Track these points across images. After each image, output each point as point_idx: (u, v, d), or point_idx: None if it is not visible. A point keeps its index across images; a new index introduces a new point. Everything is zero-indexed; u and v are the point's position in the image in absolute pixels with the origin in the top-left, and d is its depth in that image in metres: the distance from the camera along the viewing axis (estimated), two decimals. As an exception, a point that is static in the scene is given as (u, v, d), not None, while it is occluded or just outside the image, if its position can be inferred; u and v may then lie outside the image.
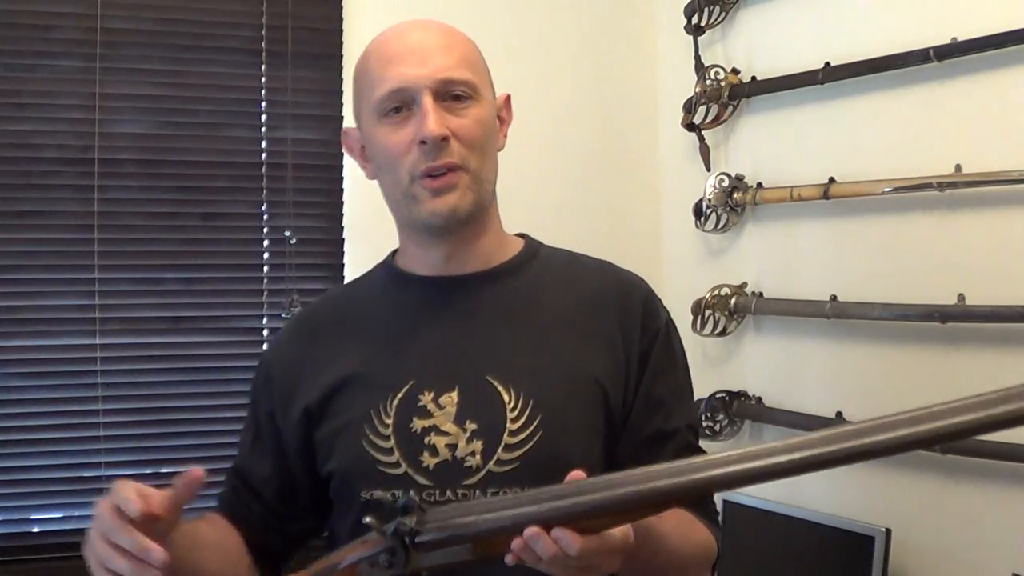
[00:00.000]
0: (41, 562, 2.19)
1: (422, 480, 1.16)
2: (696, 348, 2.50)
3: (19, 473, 2.22)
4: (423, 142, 1.16)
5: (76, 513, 2.25)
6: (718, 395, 2.35)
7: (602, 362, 1.22)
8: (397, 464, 1.17)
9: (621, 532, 0.95)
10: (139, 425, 2.27)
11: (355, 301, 1.33)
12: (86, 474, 2.25)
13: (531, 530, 0.92)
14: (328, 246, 2.42)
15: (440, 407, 1.18)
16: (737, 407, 2.34)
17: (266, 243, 2.39)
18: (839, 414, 2.08)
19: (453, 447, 1.17)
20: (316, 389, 1.23)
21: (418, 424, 1.18)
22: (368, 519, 0.99)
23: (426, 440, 1.17)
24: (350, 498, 1.20)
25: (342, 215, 2.42)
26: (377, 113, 1.20)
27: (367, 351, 1.24)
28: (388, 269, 1.32)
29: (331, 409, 1.23)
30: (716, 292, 2.36)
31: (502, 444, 1.16)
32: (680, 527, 1.16)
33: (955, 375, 1.89)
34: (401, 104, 1.19)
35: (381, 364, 1.22)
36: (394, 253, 1.34)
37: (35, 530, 2.25)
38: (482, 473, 1.15)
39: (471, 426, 1.17)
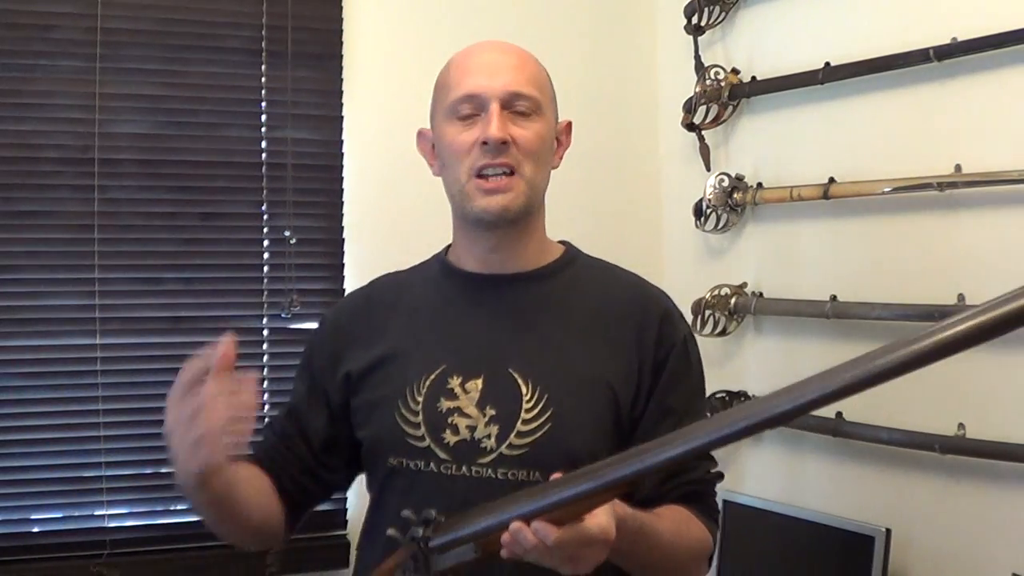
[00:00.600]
0: (41, 562, 2.19)
1: (442, 455, 1.30)
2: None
3: (19, 473, 2.22)
4: (485, 143, 1.31)
5: (76, 513, 2.25)
6: (718, 395, 2.34)
7: (616, 367, 1.33)
8: (422, 438, 1.31)
9: (596, 525, 1.05)
10: (139, 425, 2.27)
11: (408, 286, 1.46)
12: (86, 474, 2.25)
13: (514, 525, 1.05)
14: (328, 246, 2.42)
15: (466, 391, 1.32)
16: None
17: (266, 243, 2.39)
18: (839, 414, 2.08)
19: (473, 428, 1.30)
20: (361, 360, 1.38)
21: (444, 404, 1.31)
22: (391, 531, 1.14)
23: (450, 420, 1.30)
24: (379, 462, 1.35)
25: (342, 215, 2.42)
26: (449, 114, 1.35)
27: (410, 333, 1.38)
28: (440, 261, 1.45)
29: (371, 380, 1.37)
30: (716, 292, 2.36)
31: (515, 431, 1.28)
32: (676, 525, 1.27)
33: (955, 376, 1.89)
34: (472, 109, 1.33)
35: (420, 347, 1.36)
36: (448, 248, 1.46)
37: (35, 530, 2.24)
38: (495, 455, 1.28)
39: (490, 411, 1.30)
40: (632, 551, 1.17)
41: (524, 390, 1.30)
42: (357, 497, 2.22)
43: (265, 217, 2.38)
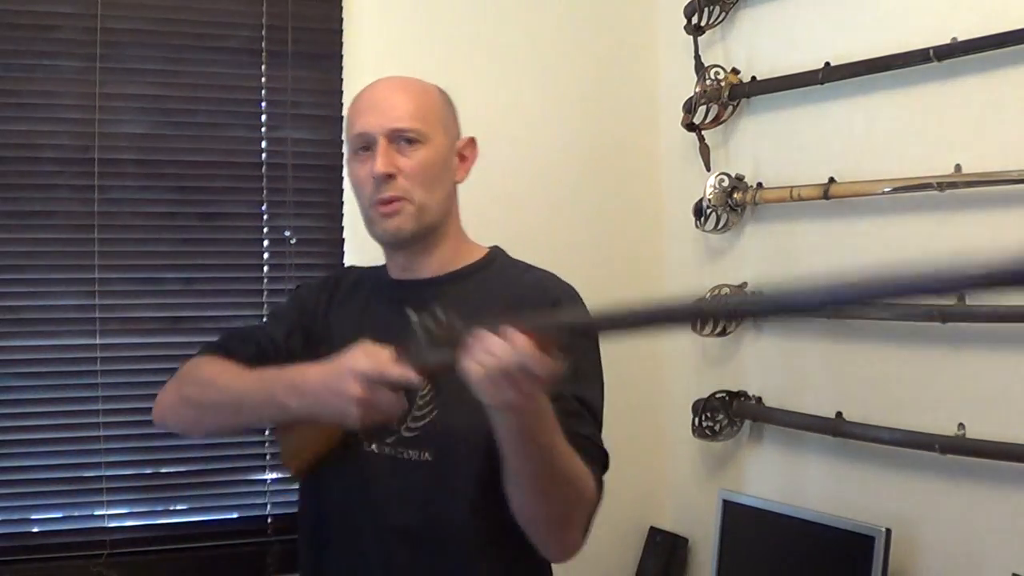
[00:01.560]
0: (41, 562, 2.18)
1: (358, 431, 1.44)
2: (696, 348, 2.51)
3: (19, 473, 2.22)
4: (374, 176, 1.47)
5: (76, 513, 2.25)
6: (718, 395, 2.35)
7: None
8: None
9: (554, 364, 1.19)
10: (139, 425, 2.27)
11: (361, 281, 1.66)
12: (86, 474, 2.25)
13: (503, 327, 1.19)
14: (328, 246, 2.42)
15: None
16: (737, 407, 2.34)
17: (266, 243, 2.39)
18: (839, 414, 2.08)
19: None
20: (318, 334, 1.58)
21: None
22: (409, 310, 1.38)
23: None
24: None
25: (342, 215, 2.42)
26: (351, 149, 1.53)
27: (348, 325, 1.55)
28: (384, 268, 1.62)
29: (319, 352, 1.47)
30: (716, 292, 2.36)
31: (410, 416, 1.45)
32: (568, 448, 1.33)
33: (955, 375, 1.90)
34: (366, 144, 1.50)
35: (347, 335, 1.47)
36: None
37: (35, 530, 2.24)
38: (396, 436, 1.45)
39: None
40: (533, 438, 1.26)
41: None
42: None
43: (265, 217, 2.38)
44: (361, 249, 2.41)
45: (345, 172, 2.36)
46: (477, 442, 1.40)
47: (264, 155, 2.38)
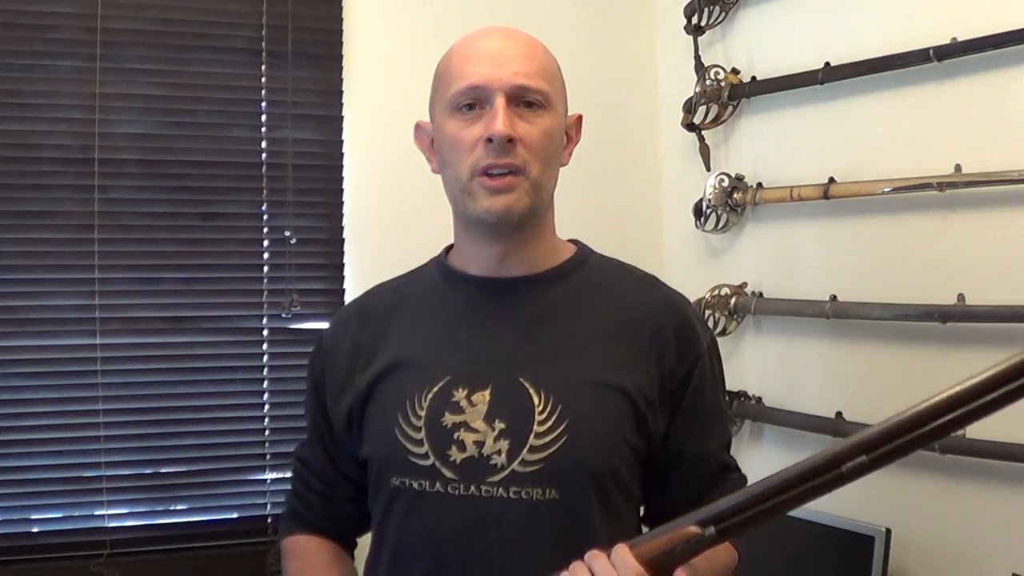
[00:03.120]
0: (41, 562, 2.19)
1: (448, 473, 1.20)
2: (696, 348, 2.50)
3: (19, 473, 2.22)
4: (489, 140, 1.21)
5: (76, 513, 2.25)
6: (718, 395, 2.34)
7: (634, 375, 1.24)
8: (426, 456, 1.21)
9: None
10: (139, 425, 2.27)
11: (406, 294, 1.36)
12: (86, 474, 2.25)
13: (593, 554, 1.02)
14: (328, 246, 2.42)
15: (472, 404, 1.22)
16: (737, 407, 2.34)
17: (266, 243, 2.39)
18: (839, 414, 2.08)
19: (480, 444, 1.20)
20: (366, 375, 1.29)
21: (449, 419, 1.22)
22: None
23: (456, 435, 1.21)
24: (381, 484, 1.26)
25: (342, 215, 2.42)
26: (451, 107, 1.25)
27: (411, 343, 1.29)
28: (440, 265, 1.35)
29: (374, 395, 1.28)
30: (716, 292, 2.36)
31: (527, 445, 1.19)
32: (709, 560, 1.17)
33: (955, 375, 1.89)
34: (475, 102, 1.23)
35: (421, 357, 1.27)
36: (448, 249, 1.37)
37: (35, 530, 2.24)
38: (506, 472, 1.18)
39: (500, 425, 1.20)
40: None
41: (536, 400, 1.21)
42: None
43: (265, 217, 2.38)
44: (361, 249, 2.42)
45: (346, 171, 2.42)
46: (612, 477, 1.21)
47: (264, 155, 2.38)
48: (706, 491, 1.26)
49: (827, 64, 2.11)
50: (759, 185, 2.32)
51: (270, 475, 2.35)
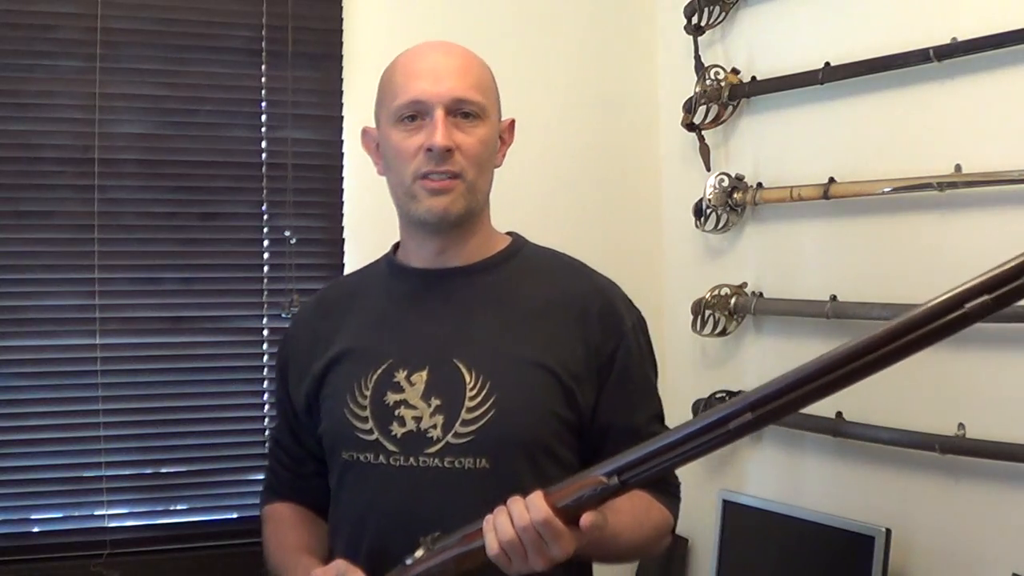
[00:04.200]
0: (41, 562, 2.19)
1: (391, 447, 1.35)
2: (696, 348, 2.51)
3: (19, 473, 2.22)
4: (430, 149, 1.34)
5: (76, 513, 2.25)
6: (718, 395, 2.34)
7: (559, 353, 1.37)
8: (371, 432, 1.36)
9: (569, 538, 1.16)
10: (139, 425, 2.27)
11: (358, 287, 1.53)
12: (86, 474, 2.25)
13: (513, 499, 1.17)
14: (328, 246, 2.42)
15: (411, 384, 1.36)
16: (737, 407, 2.34)
17: (266, 243, 2.39)
18: (839, 414, 2.08)
19: (419, 420, 1.34)
20: (320, 361, 1.44)
21: (391, 398, 1.36)
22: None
23: (396, 412, 1.35)
24: (334, 457, 1.42)
25: (342, 215, 2.42)
26: (394, 118, 1.39)
27: (360, 331, 1.44)
28: (388, 260, 1.51)
29: (328, 378, 1.43)
30: (716, 292, 2.36)
31: (459, 419, 1.33)
32: (635, 518, 1.34)
33: (955, 375, 1.89)
34: (416, 114, 1.37)
35: (368, 343, 1.42)
36: (396, 246, 1.51)
37: (35, 530, 2.24)
38: (441, 444, 1.33)
39: (435, 402, 1.34)
40: (594, 551, 1.27)
41: (468, 379, 1.34)
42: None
43: (265, 217, 2.38)
44: (361, 249, 2.42)
45: (346, 171, 2.42)
46: (540, 446, 1.34)
47: (264, 155, 2.38)
48: None
49: (827, 64, 2.11)
50: (759, 185, 2.32)
51: (270, 475, 2.35)
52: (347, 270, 2.41)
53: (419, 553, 1.22)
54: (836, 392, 1.14)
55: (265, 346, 2.37)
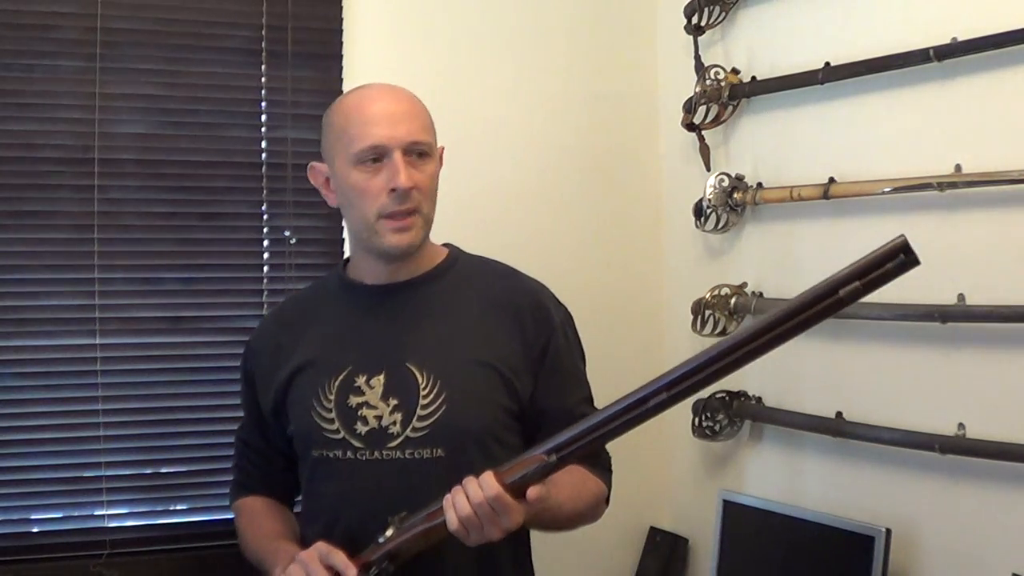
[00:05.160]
0: (41, 562, 2.18)
1: (357, 443, 1.53)
2: (696, 347, 2.50)
3: (19, 473, 2.22)
4: (393, 190, 1.50)
5: (76, 513, 2.25)
6: (718, 395, 2.34)
7: (499, 350, 1.57)
8: (337, 431, 1.54)
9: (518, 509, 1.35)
10: (139, 425, 2.27)
11: (313, 302, 1.70)
12: (86, 474, 2.24)
13: (468, 479, 1.35)
14: (328, 246, 2.42)
15: (371, 387, 1.54)
16: (737, 407, 2.34)
17: (266, 243, 2.39)
18: (839, 414, 2.08)
19: (380, 418, 1.53)
20: (285, 370, 1.62)
21: (353, 400, 1.55)
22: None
23: (359, 413, 1.54)
24: (305, 455, 1.61)
25: (342, 215, 2.41)
26: (355, 161, 1.53)
27: (319, 342, 1.61)
28: (339, 278, 1.68)
29: (293, 386, 1.61)
30: (716, 292, 2.36)
31: (416, 416, 1.51)
32: (574, 489, 1.53)
33: (955, 375, 1.89)
34: (377, 156, 1.52)
35: (328, 353, 1.59)
36: (345, 263, 1.70)
37: (35, 530, 2.24)
38: (401, 438, 1.51)
39: (393, 402, 1.53)
40: (536, 522, 1.47)
41: (420, 379, 1.53)
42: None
43: (265, 217, 2.38)
44: (361, 249, 2.42)
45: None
46: (488, 433, 1.54)
47: (264, 155, 2.38)
48: None
49: (827, 64, 2.11)
50: (759, 185, 2.32)
51: (270, 475, 2.35)
52: (347, 270, 2.42)
53: (389, 532, 1.39)
54: (736, 370, 1.30)
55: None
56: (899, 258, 1.19)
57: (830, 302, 1.22)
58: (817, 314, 1.23)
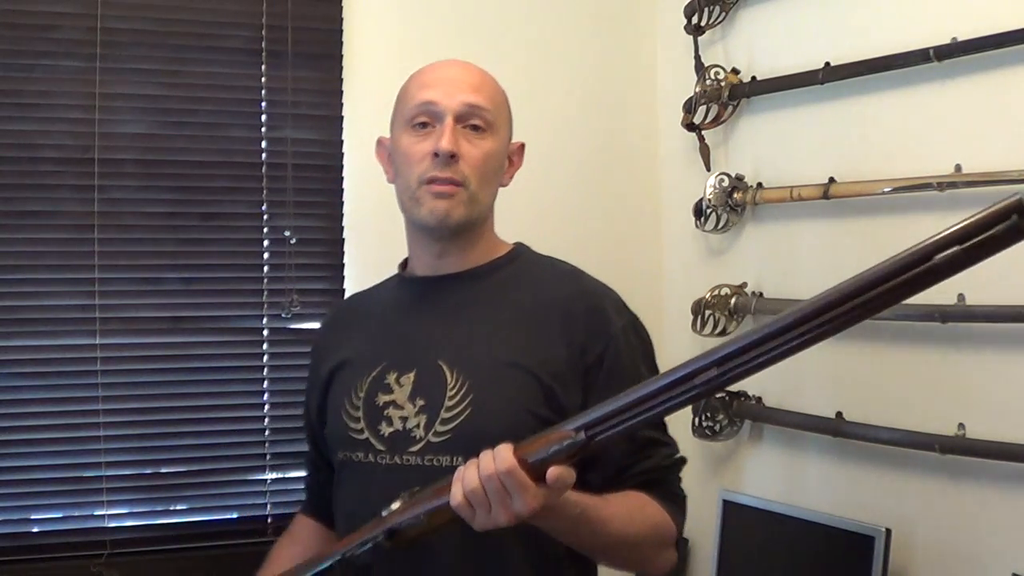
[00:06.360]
0: (41, 562, 2.18)
1: (379, 446, 1.40)
2: (696, 348, 2.50)
3: (19, 473, 2.22)
4: (436, 154, 1.38)
5: (76, 513, 2.25)
6: (718, 395, 2.35)
7: (539, 355, 1.39)
8: (362, 431, 1.42)
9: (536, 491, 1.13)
10: (139, 425, 2.27)
11: (368, 299, 1.61)
12: (86, 474, 2.24)
13: (483, 452, 1.16)
14: (328, 246, 2.42)
15: (400, 385, 1.42)
16: (737, 407, 2.34)
17: (266, 243, 2.39)
18: (839, 414, 2.08)
19: (405, 419, 1.39)
20: (325, 369, 1.52)
21: (381, 399, 1.42)
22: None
23: (385, 412, 1.40)
24: (333, 458, 1.49)
25: (342, 215, 2.42)
26: (406, 124, 1.44)
27: (363, 339, 1.51)
28: (398, 277, 1.57)
29: (331, 386, 1.51)
30: (716, 292, 2.36)
31: (439, 419, 1.37)
32: (627, 510, 1.33)
33: (955, 375, 1.89)
34: (427, 120, 1.41)
35: (367, 349, 1.48)
36: (404, 263, 1.57)
37: (35, 530, 2.24)
38: (422, 443, 1.37)
39: (420, 402, 1.39)
40: (574, 532, 1.26)
41: (449, 380, 1.38)
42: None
43: (265, 217, 2.38)
44: (361, 249, 2.42)
45: (346, 171, 2.42)
46: (511, 440, 1.28)
47: (264, 155, 2.38)
48: (633, 464, 1.38)
49: (827, 64, 2.11)
50: (759, 185, 2.32)
51: (270, 475, 2.35)
52: (347, 270, 2.42)
53: (395, 505, 1.23)
54: (801, 351, 1.10)
55: (265, 346, 2.37)
56: (1011, 219, 0.94)
57: (921, 270, 1.00)
58: (904, 284, 1.00)
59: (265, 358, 2.37)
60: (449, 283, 1.47)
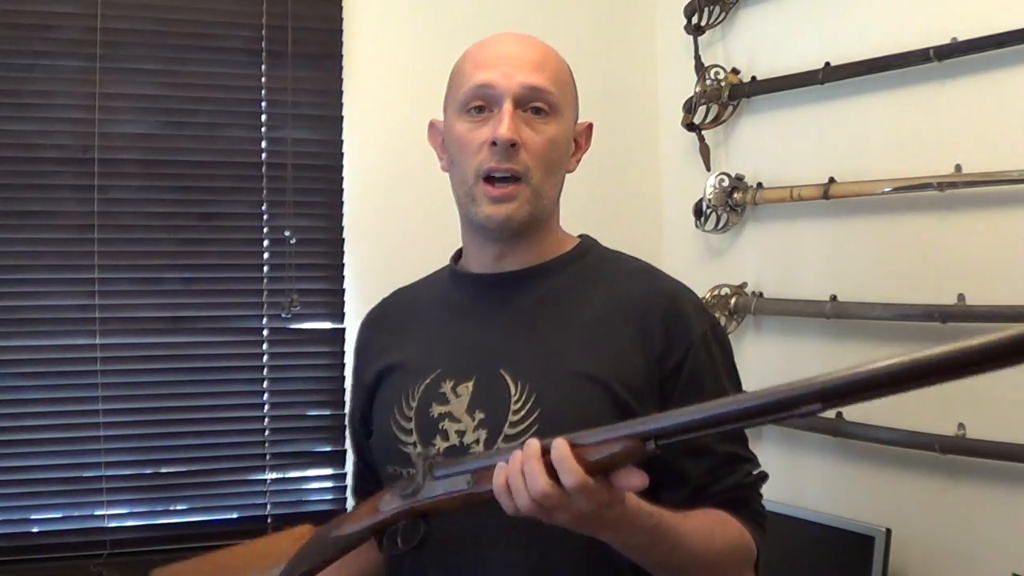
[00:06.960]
0: (41, 562, 2.19)
1: None
2: (696, 348, 2.51)
3: (19, 473, 2.22)
4: (494, 143, 1.22)
5: (76, 513, 2.25)
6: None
7: (614, 365, 1.24)
8: (414, 445, 1.26)
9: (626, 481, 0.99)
10: (139, 425, 2.27)
11: (417, 296, 1.42)
12: (86, 474, 2.25)
13: (530, 442, 1.01)
14: (328, 246, 2.42)
15: (457, 395, 1.26)
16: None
17: (266, 243, 2.39)
18: (839, 414, 2.08)
19: (462, 433, 1.23)
20: (372, 371, 1.36)
21: (436, 410, 1.26)
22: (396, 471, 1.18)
23: (440, 425, 1.25)
24: (382, 471, 1.32)
25: (342, 215, 2.42)
26: (460, 108, 1.27)
27: (414, 341, 1.34)
28: (451, 270, 1.40)
29: (379, 392, 1.35)
30: (716, 292, 2.36)
31: (502, 435, 1.21)
32: (707, 527, 1.17)
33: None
34: (484, 104, 1.26)
35: (420, 353, 1.32)
36: (458, 253, 1.40)
37: (35, 530, 2.24)
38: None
39: (479, 415, 1.23)
40: (649, 548, 1.11)
41: (514, 391, 1.23)
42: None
43: (265, 217, 2.38)
44: (360, 249, 2.42)
45: (346, 171, 2.42)
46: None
47: (264, 155, 2.38)
48: (713, 483, 1.23)
49: (827, 64, 2.11)
50: (759, 185, 2.32)
51: (270, 475, 2.35)
52: (347, 270, 2.41)
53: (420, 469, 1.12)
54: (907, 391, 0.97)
55: (265, 346, 2.37)
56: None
57: None
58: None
59: (265, 358, 2.37)
60: (510, 282, 1.31)
